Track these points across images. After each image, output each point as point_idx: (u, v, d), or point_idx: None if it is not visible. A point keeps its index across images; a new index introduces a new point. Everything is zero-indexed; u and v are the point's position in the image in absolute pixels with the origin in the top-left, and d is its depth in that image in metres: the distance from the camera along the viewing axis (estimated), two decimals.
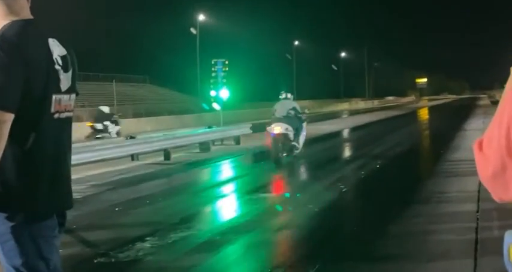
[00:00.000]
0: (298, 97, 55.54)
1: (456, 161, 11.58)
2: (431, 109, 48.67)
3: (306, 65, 75.92)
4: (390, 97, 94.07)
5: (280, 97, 12.96)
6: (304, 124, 12.87)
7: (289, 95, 12.89)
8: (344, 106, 63.06)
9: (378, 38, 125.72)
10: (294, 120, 12.28)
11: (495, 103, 44.19)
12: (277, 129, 11.78)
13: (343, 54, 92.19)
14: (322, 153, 14.83)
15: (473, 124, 23.96)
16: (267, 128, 12.11)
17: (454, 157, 12.22)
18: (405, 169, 11.45)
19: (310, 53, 77.98)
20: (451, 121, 27.67)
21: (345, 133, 23.32)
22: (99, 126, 17.88)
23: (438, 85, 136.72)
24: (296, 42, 72.89)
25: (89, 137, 17.44)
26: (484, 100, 66.76)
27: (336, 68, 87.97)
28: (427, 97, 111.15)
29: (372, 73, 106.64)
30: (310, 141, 15.41)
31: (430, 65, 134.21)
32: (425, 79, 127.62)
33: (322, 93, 71.87)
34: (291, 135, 12.01)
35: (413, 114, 40.38)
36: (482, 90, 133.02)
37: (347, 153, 16.19)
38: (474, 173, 1.31)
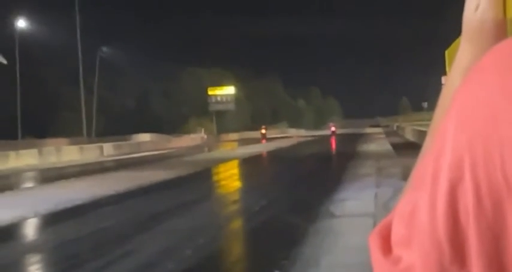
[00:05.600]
0: None
1: None
2: (251, 165, 21.64)
3: None
4: (146, 136, 46.28)
5: (330, 122, 64.17)
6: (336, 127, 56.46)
7: (332, 122, 59.58)
8: (28, 159, 25.73)
9: None
10: (337, 125, 57.34)
11: (404, 147, 23.33)
12: (333, 128, 51.43)
13: (22, 26, 40.10)
14: None
15: (353, 200, 10.38)
16: (329, 126, 55.76)
17: None
18: None
19: None
20: (302, 194, 12.27)
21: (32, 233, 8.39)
22: None
23: (268, 105, 71.56)
24: None
25: None
26: (378, 143, 32.65)
27: (4, 61, 36.86)
28: (236, 135, 57.29)
29: (94, 76, 47.69)
30: None
31: (249, 57, 63.69)
32: (231, 91, 61.07)
33: None
34: (335, 129, 52.53)
35: (204, 180, 16.43)
36: (373, 116, 78.05)
37: None
38: None
